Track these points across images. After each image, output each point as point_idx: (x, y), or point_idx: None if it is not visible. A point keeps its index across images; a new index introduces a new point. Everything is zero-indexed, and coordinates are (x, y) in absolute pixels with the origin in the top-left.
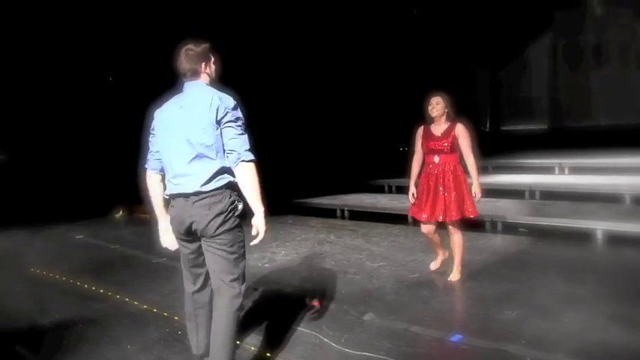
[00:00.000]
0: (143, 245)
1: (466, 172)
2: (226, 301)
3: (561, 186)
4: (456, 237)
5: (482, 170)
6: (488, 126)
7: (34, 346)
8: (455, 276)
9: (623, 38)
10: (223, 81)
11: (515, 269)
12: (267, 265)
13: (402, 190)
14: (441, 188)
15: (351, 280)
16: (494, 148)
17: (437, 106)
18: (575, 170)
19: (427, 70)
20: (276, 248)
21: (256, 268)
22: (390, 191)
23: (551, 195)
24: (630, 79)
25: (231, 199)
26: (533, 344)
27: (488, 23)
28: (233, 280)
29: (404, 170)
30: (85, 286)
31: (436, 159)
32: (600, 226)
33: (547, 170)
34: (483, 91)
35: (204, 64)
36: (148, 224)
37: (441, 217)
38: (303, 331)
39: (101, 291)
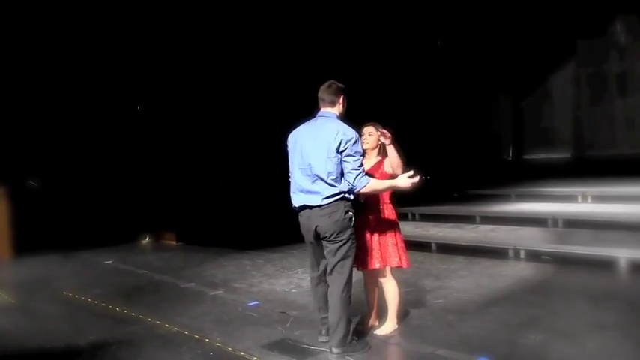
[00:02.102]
0: (171, 270)
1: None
2: (335, 287)
3: (584, 214)
4: (388, 285)
5: (505, 199)
6: (510, 155)
7: None
8: (388, 328)
9: None
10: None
11: (539, 295)
12: (294, 290)
13: (426, 217)
14: (372, 234)
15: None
16: (516, 176)
17: (369, 137)
18: (598, 199)
19: (451, 99)
20: (302, 274)
21: (284, 293)
22: (414, 219)
23: (573, 223)
24: None
25: (345, 209)
26: None
27: (512, 52)
28: (340, 272)
29: (428, 198)
30: (117, 309)
31: (361, 198)
32: (624, 254)
33: (570, 199)
34: (506, 120)
35: (341, 97)
36: (175, 250)
37: (374, 263)
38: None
39: (132, 314)
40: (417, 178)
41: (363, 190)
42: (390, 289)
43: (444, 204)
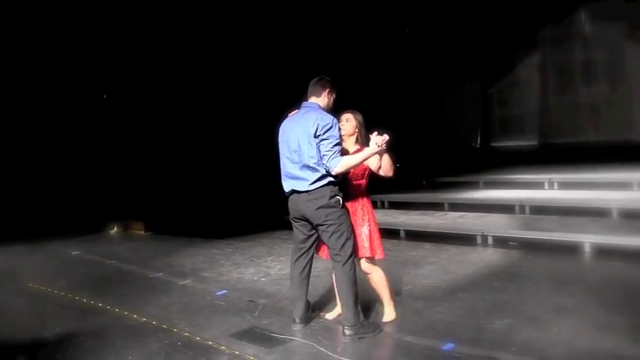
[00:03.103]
0: (139, 260)
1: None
2: (339, 268)
3: (551, 201)
4: (374, 275)
5: (473, 186)
6: (479, 142)
7: (37, 358)
8: (389, 315)
9: (610, 56)
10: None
11: (506, 281)
12: (263, 279)
13: (395, 205)
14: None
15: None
16: (485, 164)
17: (346, 123)
18: (564, 185)
19: (419, 88)
20: (271, 262)
21: (252, 282)
22: (383, 206)
23: (540, 209)
24: (617, 97)
25: (332, 193)
26: (523, 352)
27: (480, 41)
28: (340, 253)
29: (397, 186)
30: (84, 300)
31: (352, 185)
32: (588, 240)
33: (537, 185)
34: (474, 108)
35: (327, 90)
36: (143, 240)
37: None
38: (301, 341)
39: (100, 305)
40: (385, 137)
41: (338, 170)
42: (377, 278)
43: (412, 191)
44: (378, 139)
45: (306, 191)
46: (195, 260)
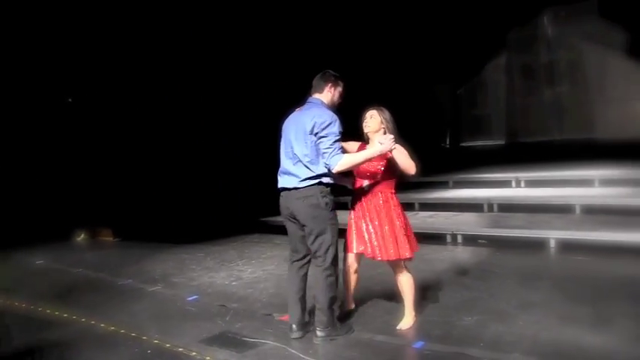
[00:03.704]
0: (107, 268)
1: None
2: (320, 272)
3: (518, 198)
4: (401, 278)
5: (443, 185)
6: (448, 142)
7: None
8: (407, 323)
9: (571, 58)
10: None
11: (475, 278)
12: (234, 283)
13: None
14: (364, 221)
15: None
16: (454, 163)
17: (370, 120)
18: (531, 183)
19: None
20: (243, 266)
21: (223, 286)
22: (347, 208)
23: (508, 207)
24: (579, 96)
25: (322, 194)
26: (491, 346)
27: (449, 42)
28: (322, 262)
29: None
30: (48, 311)
31: (365, 184)
32: (553, 236)
33: (504, 184)
34: (444, 108)
35: (329, 85)
36: (112, 247)
37: (369, 251)
38: (272, 344)
39: (65, 315)
40: (391, 136)
41: (338, 168)
42: (405, 281)
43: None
44: (382, 138)
45: (295, 188)
46: (166, 266)
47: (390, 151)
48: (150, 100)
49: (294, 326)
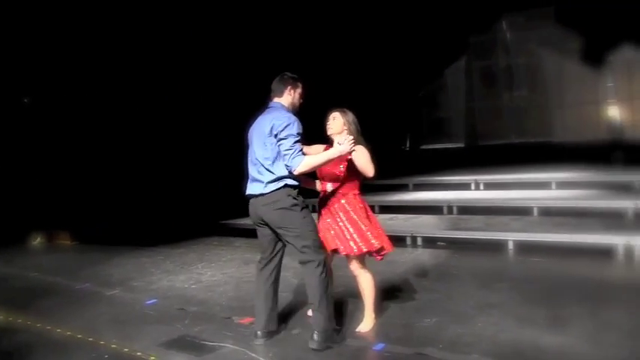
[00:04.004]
0: (64, 272)
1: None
2: (311, 271)
3: (477, 201)
4: (361, 279)
5: (403, 188)
6: (408, 145)
7: None
8: (366, 326)
9: (530, 63)
10: None
11: (435, 280)
12: (193, 286)
13: None
14: (329, 220)
15: (279, 297)
16: (414, 166)
17: (333, 122)
18: (490, 186)
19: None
20: (202, 269)
21: (183, 289)
22: (314, 211)
23: (467, 210)
24: (537, 100)
25: (290, 196)
26: (451, 347)
27: (410, 46)
28: (308, 257)
29: None
30: (1, 317)
31: (329, 187)
32: (511, 237)
33: (464, 186)
34: (404, 111)
35: (289, 87)
36: (69, 250)
37: (341, 248)
38: (232, 347)
39: (19, 321)
40: (350, 137)
41: (300, 169)
42: (366, 282)
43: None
44: (341, 139)
45: (262, 194)
46: (124, 269)
47: (350, 152)
48: (107, 102)
49: (258, 333)
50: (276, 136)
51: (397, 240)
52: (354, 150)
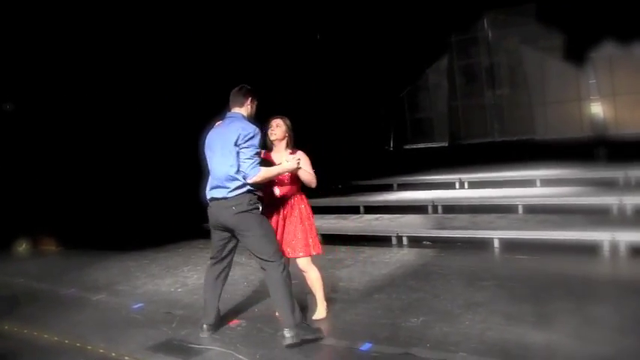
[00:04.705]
0: (50, 277)
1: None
2: (271, 273)
3: (461, 199)
4: (311, 274)
5: (388, 188)
6: (392, 145)
7: None
8: (321, 314)
9: (511, 61)
10: None
11: (421, 279)
12: (179, 289)
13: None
14: (283, 222)
15: (263, 299)
16: (398, 166)
17: (277, 128)
18: (474, 184)
19: (331, 93)
20: (188, 272)
21: (169, 293)
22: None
23: (452, 209)
24: (519, 99)
25: (250, 201)
26: (437, 346)
27: (391, 46)
28: (269, 258)
29: (312, 191)
30: None
31: (276, 191)
32: (497, 235)
33: (448, 185)
34: (387, 111)
35: (249, 99)
36: (55, 255)
37: (289, 253)
38: (219, 350)
39: (6, 327)
40: (297, 157)
41: (255, 179)
42: (315, 277)
43: (328, 196)
44: (289, 157)
45: (225, 198)
46: (110, 274)
47: (297, 169)
48: (89, 107)
49: (205, 326)
50: (239, 144)
51: (382, 240)
52: (299, 168)
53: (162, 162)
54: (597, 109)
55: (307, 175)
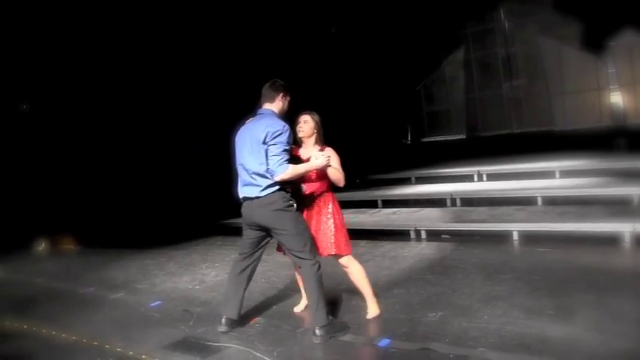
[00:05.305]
0: (69, 276)
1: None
2: (308, 269)
3: (480, 192)
4: (353, 270)
5: (406, 182)
6: (409, 139)
7: None
8: (373, 311)
9: (528, 51)
10: None
11: (439, 274)
12: (197, 287)
13: None
14: (313, 220)
15: (282, 296)
16: (416, 159)
17: (304, 125)
18: (493, 177)
19: (348, 87)
20: (206, 270)
21: (187, 290)
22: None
23: (471, 201)
24: (537, 89)
25: (284, 199)
26: (456, 341)
27: (407, 39)
28: (304, 256)
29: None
30: (6, 323)
31: (303, 188)
32: (516, 228)
33: (467, 178)
34: (404, 105)
35: (281, 95)
36: (73, 255)
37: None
38: (237, 347)
39: (24, 327)
40: (327, 154)
41: (282, 177)
42: (357, 273)
43: (346, 190)
44: (317, 155)
45: (258, 197)
46: (128, 272)
47: (326, 167)
48: (107, 106)
49: (223, 320)
50: (267, 142)
51: (401, 234)
52: (329, 166)
53: (180, 159)
54: (617, 98)
55: (335, 173)
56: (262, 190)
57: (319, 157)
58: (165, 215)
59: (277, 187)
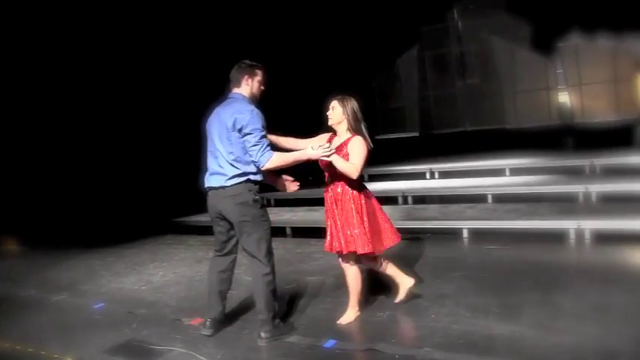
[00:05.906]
0: (9, 279)
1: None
2: (255, 270)
3: (432, 190)
4: (347, 272)
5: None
6: None
7: None
8: (347, 318)
9: (481, 50)
10: None
11: None
12: (143, 287)
13: (281, 202)
14: (331, 215)
15: (229, 296)
16: (369, 157)
17: (332, 112)
18: (445, 174)
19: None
20: (154, 270)
21: (133, 291)
22: (269, 204)
23: (422, 199)
24: (489, 88)
25: (251, 192)
26: (402, 341)
27: (361, 36)
28: (259, 259)
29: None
30: None
31: (326, 177)
32: (466, 225)
33: (419, 176)
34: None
35: (246, 77)
36: (16, 256)
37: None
38: (179, 350)
39: None
40: (327, 145)
41: (268, 166)
42: (349, 276)
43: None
44: (316, 145)
45: (223, 187)
46: (74, 273)
47: (328, 156)
48: (52, 99)
49: (207, 322)
50: (240, 130)
51: None
52: (326, 158)
53: (130, 154)
54: (564, 98)
55: (343, 164)
56: (228, 179)
57: (316, 147)
58: (114, 212)
59: (244, 179)
